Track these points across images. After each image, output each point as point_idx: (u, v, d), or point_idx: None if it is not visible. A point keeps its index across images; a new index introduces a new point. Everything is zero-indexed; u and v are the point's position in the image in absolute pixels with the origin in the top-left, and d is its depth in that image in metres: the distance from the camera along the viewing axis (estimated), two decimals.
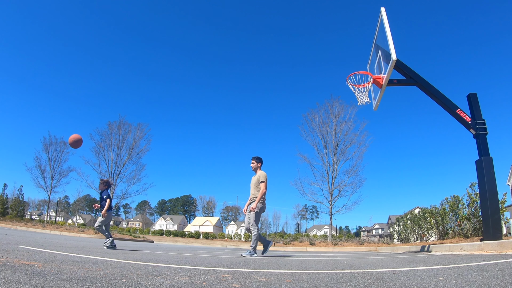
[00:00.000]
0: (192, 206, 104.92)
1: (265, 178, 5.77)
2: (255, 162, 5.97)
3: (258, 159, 6.00)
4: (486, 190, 6.04)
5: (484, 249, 5.48)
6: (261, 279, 2.18)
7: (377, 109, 8.28)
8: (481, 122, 6.52)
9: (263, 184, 5.72)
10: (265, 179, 5.76)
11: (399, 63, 6.94)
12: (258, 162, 5.99)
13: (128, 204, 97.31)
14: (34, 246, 4.27)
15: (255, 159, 5.99)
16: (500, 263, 3.15)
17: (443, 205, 11.93)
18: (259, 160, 6.01)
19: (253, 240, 5.61)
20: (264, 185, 5.72)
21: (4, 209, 39.29)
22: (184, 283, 1.87)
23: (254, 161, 5.97)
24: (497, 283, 1.95)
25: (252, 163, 5.97)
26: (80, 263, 2.57)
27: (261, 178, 5.76)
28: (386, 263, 4.03)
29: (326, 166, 21.27)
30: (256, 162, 5.98)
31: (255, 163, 5.97)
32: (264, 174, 5.81)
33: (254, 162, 5.97)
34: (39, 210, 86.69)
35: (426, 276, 2.38)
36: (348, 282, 2.09)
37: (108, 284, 1.66)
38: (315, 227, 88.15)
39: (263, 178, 5.76)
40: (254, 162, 5.97)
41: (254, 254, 5.48)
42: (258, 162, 5.99)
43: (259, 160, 6.01)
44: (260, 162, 6.01)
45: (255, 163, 5.97)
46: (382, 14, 7.27)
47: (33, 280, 1.63)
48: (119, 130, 26.05)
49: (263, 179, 5.75)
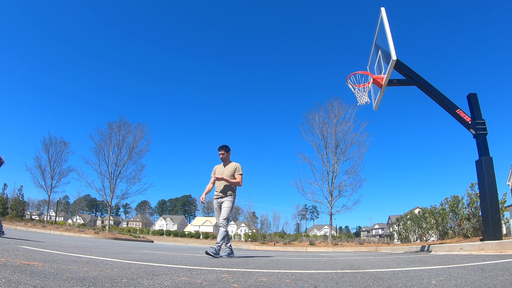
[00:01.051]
0: (192, 206, 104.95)
1: (242, 170, 5.43)
2: (225, 151, 5.51)
3: (227, 148, 5.56)
4: (486, 190, 6.05)
5: (484, 249, 5.48)
6: (261, 279, 2.18)
7: (377, 109, 8.28)
8: (481, 122, 6.53)
9: (240, 176, 5.36)
10: (242, 172, 5.41)
11: (399, 63, 6.94)
12: (228, 151, 5.56)
13: (128, 204, 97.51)
14: (34, 246, 4.27)
15: (223, 148, 5.52)
16: (500, 263, 3.15)
17: (443, 205, 11.94)
18: (228, 149, 5.58)
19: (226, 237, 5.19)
20: (241, 177, 5.38)
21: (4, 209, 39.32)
22: (184, 283, 1.87)
23: (223, 150, 5.51)
24: (497, 283, 1.95)
25: (222, 153, 5.50)
26: (80, 263, 2.57)
27: (239, 169, 5.39)
28: (386, 263, 4.03)
29: (326, 166, 21.26)
30: (226, 152, 5.53)
31: (225, 152, 5.51)
32: (240, 166, 5.46)
33: (224, 152, 5.51)
34: (39, 210, 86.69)
35: (426, 276, 2.38)
36: (348, 282, 2.09)
37: (108, 284, 1.66)
38: (315, 227, 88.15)
39: (241, 170, 5.40)
40: (224, 152, 5.51)
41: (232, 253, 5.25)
42: (228, 151, 5.56)
43: (228, 149, 5.58)
44: (229, 151, 5.59)
45: (225, 153, 5.51)
46: (382, 14, 7.27)
47: (33, 280, 1.63)
48: (119, 130, 26.02)
49: (240, 171, 5.39)
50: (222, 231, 5.08)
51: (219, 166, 5.57)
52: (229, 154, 5.56)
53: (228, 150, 5.56)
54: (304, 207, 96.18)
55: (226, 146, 5.56)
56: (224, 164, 5.52)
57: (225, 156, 5.51)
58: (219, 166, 5.57)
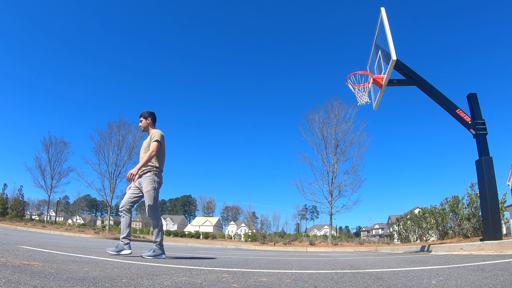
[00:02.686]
0: (192, 206, 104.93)
1: (160, 136, 4.12)
2: (143, 118, 4.32)
3: (146, 114, 4.33)
4: (486, 190, 6.05)
5: (484, 249, 5.48)
6: (261, 279, 2.18)
7: (377, 109, 8.29)
8: (481, 122, 6.53)
9: (155, 144, 4.03)
10: (160, 138, 4.11)
11: (399, 63, 6.94)
12: (147, 118, 4.32)
13: None
14: (34, 246, 4.27)
15: (143, 115, 4.34)
16: (500, 263, 3.15)
17: (443, 205, 11.95)
18: (148, 115, 4.33)
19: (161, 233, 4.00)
20: (156, 145, 4.03)
21: (4, 209, 39.30)
22: (184, 283, 1.87)
23: (142, 117, 4.32)
24: (497, 283, 1.95)
25: (140, 121, 4.33)
26: (80, 263, 2.57)
27: (154, 136, 4.10)
28: (386, 263, 4.03)
29: (326, 166, 21.28)
30: (144, 119, 4.31)
31: (143, 119, 4.32)
32: (158, 132, 4.17)
33: (143, 119, 4.32)
34: (39, 210, 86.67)
35: (426, 276, 2.38)
36: (348, 282, 2.09)
37: (108, 284, 1.66)
38: (315, 227, 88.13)
39: (157, 136, 4.10)
40: (142, 119, 4.32)
41: (162, 254, 3.89)
42: (147, 118, 4.32)
43: (148, 115, 4.33)
44: (150, 117, 4.33)
45: (143, 120, 4.31)
46: (382, 14, 7.27)
47: (33, 280, 1.63)
48: (119, 130, 26.08)
49: (156, 137, 4.08)
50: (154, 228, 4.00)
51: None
52: (149, 122, 4.33)
53: (147, 116, 4.33)
54: (304, 207, 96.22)
55: (147, 112, 4.37)
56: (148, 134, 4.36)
57: (144, 124, 4.33)
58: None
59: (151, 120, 4.34)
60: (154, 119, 4.38)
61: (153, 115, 4.38)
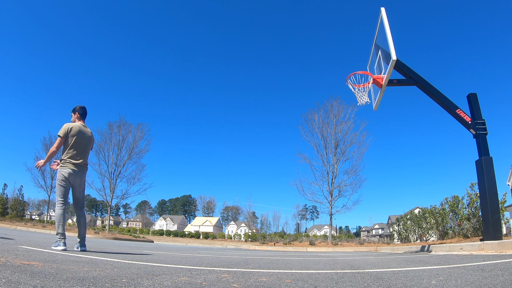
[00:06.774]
0: (192, 206, 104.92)
1: (60, 131, 4.18)
2: (72, 113, 4.47)
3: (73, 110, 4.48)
4: (486, 190, 6.05)
5: (484, 249, 5.48)
6: (261, 279, 2.18)
7: (377, 109, 8.28)
8: (481, 122, 6.53)
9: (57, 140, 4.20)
10: (60, 132, 4.18)
11: (399, 63, 6.94)
12: (75, 112, 4.45)
13: (128, 204, 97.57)
14: (34, 246, 4.27)
15: (72, 110, 4.50)
16: (500, 263, 3.15)
17: (443, 205, 11.94)
18: (74, 111, 4.46)
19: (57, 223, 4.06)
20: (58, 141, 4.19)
21: (4, 209, 39.30)
22: (184, 283, 1.87)
23: (72, 113, 4.48)
24: (497, 283, 1.95)
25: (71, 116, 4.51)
26: (80, 263, 2.57)
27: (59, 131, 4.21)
28: (386, 263, 4.03)
29: (326, 166, 21.26)
30: (73, 115, 4.45)
31: (73, 115, 4.46)
32: (63, 127, 4.22)
33: (72, 115, 4.47)
34: (39, 210, 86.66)
35: (426, 276, 2.38)
36: (348, 282, 2.09)
37: (108, 284, 1.66)
38: (315, 227, 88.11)
39: (60, 131, 4.19)
40: (72, 115, 4.47)
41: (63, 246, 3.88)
42: (74, 113, 4.45)
43: (74, 111, 4.46)
44: (76, 113, 4.44)
45: (73, 116, 4.46)
46: (382, 14, 7.27)
47: (33, 280, 1.63)
48: (119, 130, 26.02)
49: (58, 132, 4.20)
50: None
51: None
52: (75, 117, 4.47)
53: (74, 112, 4.47)
54: (304, 207, 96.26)
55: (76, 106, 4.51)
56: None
57: (73, 119, 4.49)
58: None
59: (79, 114, 4.49)
60: (82, 113, 4.51)
61: (81, 109, 4.51)
